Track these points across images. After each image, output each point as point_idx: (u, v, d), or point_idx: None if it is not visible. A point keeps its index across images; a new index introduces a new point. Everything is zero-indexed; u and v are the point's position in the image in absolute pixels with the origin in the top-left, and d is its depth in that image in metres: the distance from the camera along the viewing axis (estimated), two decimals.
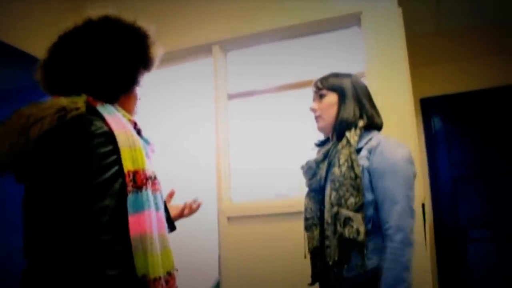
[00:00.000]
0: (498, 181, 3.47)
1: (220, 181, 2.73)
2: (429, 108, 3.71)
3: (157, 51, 1.30)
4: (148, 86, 3.93)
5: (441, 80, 3.64)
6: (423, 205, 2.25)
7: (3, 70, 2.56)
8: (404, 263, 1.51)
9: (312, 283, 1.79)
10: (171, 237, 1.70)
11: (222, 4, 2.89)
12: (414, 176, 1.65)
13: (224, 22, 2.85)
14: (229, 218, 2.64)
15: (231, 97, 2.89)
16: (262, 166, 2.90)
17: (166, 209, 1.68)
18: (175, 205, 1.74)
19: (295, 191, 2.50)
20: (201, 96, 3.59)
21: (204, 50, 2.93)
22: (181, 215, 1.72)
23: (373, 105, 1.81)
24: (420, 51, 3.45)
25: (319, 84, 1.82)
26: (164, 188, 1.25)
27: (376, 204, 1.60)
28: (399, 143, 1.69)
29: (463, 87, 3.58)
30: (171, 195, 1.76)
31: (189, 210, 1.74)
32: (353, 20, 2.61)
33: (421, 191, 2.30)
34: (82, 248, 1.00)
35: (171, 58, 3.03)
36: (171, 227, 1.66)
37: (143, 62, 1.27)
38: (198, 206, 1.76)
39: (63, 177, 1.04)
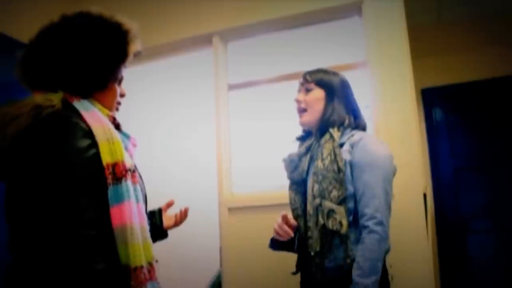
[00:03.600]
0: (500, 171, 3.46)
1: (220, 171, 2.72)
2: (430, 99, 3.70)
3: (134, 47, 1.27)
4: (148, 85, 3.91)
5: (442, 71, 3.62)
6: (424, 195, 2.24)
7: (7, 62, 2.57)
8: (381, 254, 1.57)
9: (296, 272, 1.83)
10: (173, 232, 1.72)
11: None
12: (394, 173, 1.71)
13: (224, 12, 2.83)
14: (229, 209, 2.63)
15: (231, 87, 2.88)
16: (262, 158, 2.89)
17: (160, 217, 1.70)
18: (169, 215, 1.78)
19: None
20: (201, 95, 3.59)
21: (204, 40, 2.91)
22: (175, 224, 1.78)
23: (357, 107, 1.85)
24: (421, 42, 3.42)
25: (307, 77, 1.85)
26: (165, 188, 1.24)
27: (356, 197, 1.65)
28: (380, 140, 1.77)
29: (464, 77, 3.56)
30: (169, 204, 1.79)
31: (180, 217, 1.79)
32: (354, 9, 2.58)
33: (422, 181, 2.29)
34: (69, 244, 1.01)
35: (171, 48, 3.03)
36: (164, 235, 1.71)
37: (118, 57, 1.25)
38: (186, 212, 1.81)
39: (42, 174, 1.05)
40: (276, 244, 1.85)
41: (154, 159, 3.63)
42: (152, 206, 3.36)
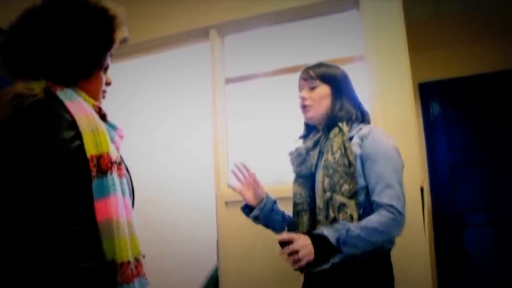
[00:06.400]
0: (496, 166, 3.46)
1: (218, 164, 2.72)
2: (427, 93, 3.69)
3: (121, 33, 1.21)
4: (149, 86, 3.89)
5: (439, 65, 3.61)
6: (421, 190, 2.25)
7: None
8: (384, 234, 1.56)
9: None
10: (171, 226, 1.70)
11: None
12: (402, 167, 1.70)
13: (221, 6, 2.82)
14: (227, 203, 2.63)
15: (228, 81, 2.87)
16: (260, 151, 2.88)
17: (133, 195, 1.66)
18: None
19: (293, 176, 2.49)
20: (201, 94, 3.60)
21: (201, 34, 2.90)
22: None
23: (359, 100, 1.85)
24: (419, 36, 3.41)
25: (311, 73, 1.82)
26: (165, 188, 1.21)
27: (367, 190, 1.64)
28: (387, 134, 1.76)
29: (461, 72, 3.55)
30: None
31: None
32: (352, 3, 2.57)
33: (419, 175, 2.29)
34: (54, 241, 0.96)
35: (168, 42, 3.02)
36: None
37: (104, 44, 1.19)
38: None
39: (25, 167, 0.99)
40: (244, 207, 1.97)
41: (154, 159, 3.63)
42: (153, 205, 3.36)
